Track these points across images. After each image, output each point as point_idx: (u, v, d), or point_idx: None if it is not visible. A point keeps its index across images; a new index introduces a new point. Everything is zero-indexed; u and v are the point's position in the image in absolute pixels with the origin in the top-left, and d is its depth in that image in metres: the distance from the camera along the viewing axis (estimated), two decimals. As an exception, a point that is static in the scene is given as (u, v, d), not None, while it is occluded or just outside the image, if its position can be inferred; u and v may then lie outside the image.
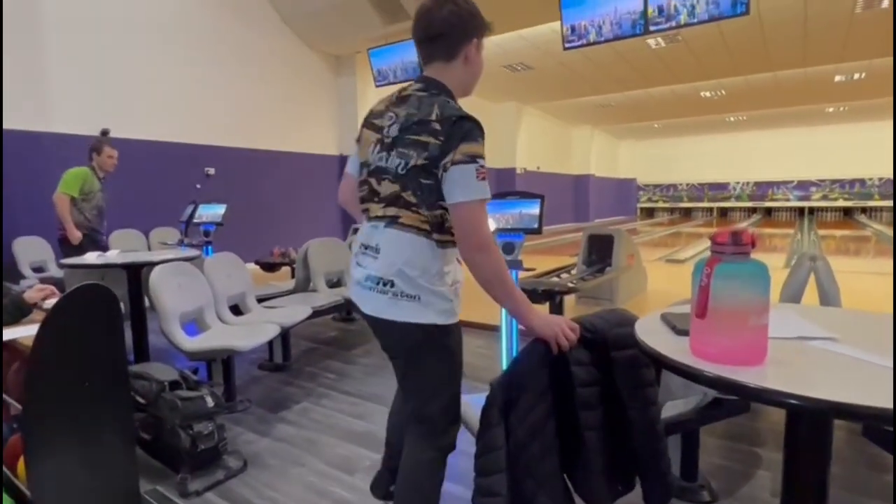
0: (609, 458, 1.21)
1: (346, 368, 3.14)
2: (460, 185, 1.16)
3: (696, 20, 4.86)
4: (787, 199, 18.46)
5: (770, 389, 0.79)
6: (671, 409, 1.55)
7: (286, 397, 2.73)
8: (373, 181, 1.31)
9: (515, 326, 2.72)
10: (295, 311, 2.97)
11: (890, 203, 16.75)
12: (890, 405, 0.75)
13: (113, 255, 3.01)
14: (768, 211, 18.73)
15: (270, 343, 3.08)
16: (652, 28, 5.14)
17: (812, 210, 17.86)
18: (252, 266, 4.53)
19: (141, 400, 1.97)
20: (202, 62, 6.51)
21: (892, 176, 16.68)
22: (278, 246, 4.90)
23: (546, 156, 14.82)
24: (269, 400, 2.69)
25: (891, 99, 12.54)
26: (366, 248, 1.32)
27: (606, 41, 5.45)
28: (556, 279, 4.06)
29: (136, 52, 5.87)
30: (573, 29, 5.53)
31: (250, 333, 2.52)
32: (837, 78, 10.33)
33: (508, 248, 2.58)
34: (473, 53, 1.30)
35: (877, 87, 11.03)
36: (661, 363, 0.95)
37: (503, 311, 2.67)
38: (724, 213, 19.54)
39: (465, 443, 1.37)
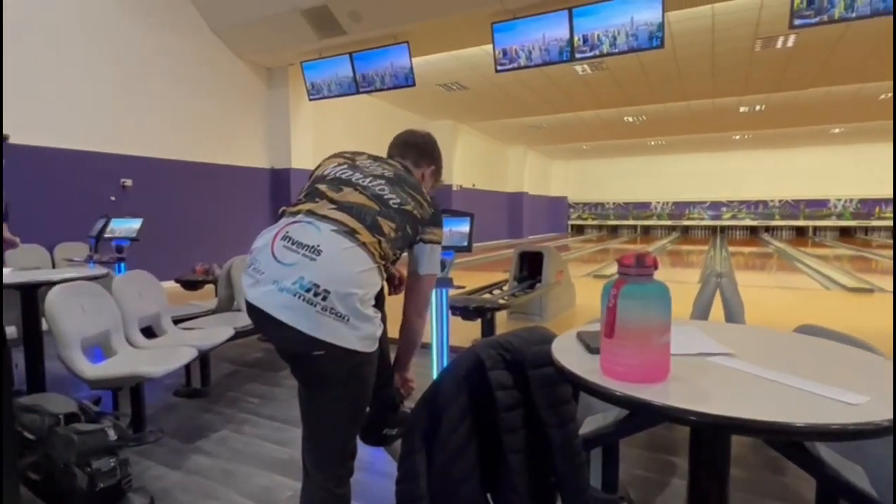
0: (531, 477, 1.22)
1: (272, 391, 3.00)
2: (431, 260, 1.42)
3: (616, 50, 5.18)
4: (702, 219, 19.91)
5: (672, 407, 0.82)
6: (591, 423, 1.59)
7: (203, 425, 2.56)
8: (324, 187, 1.30)
9: (446, 342, 2.72)
10: (215, 332, 2.81)
11: (789, 222, 18.50)
12: (781, 419, 0.80)
13: (6, 274, 2.73)
14: (685, 229, 20.09)
15: (188, 367, 2.89)
16: (578, 55, 5.41)
17: (723, 228, 19.35)
18: (172, 284, 4.26)
19: (30, 436, 1.77)
20: (122, 67, 6.13)
21: (792, 199, 18.44)
22: (201, 262, 4.65)
23: (482, 173, 15.14)
24: (184, 429, 2.51)
25: (786, 130, 13.93)
26: (299, 245, 1.16)
27: (536, 66, 5.68)
28: (487, 296, 4.12)
29: (47, 55, 5.43)
30: (505, 52, 5.73)
31: (163, 358, 2.34)
32: (742, 109, 11.33)
33: (432, 283, 2.59)
34: (428, 177, 1.57)
35: (776, 118, 12.21)
36: (575, 383, 0.98)
37: (434, 326, 2.67)
38: (646, 230, 20.74)
39: (388, 464, 1.34)
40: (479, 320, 3.61)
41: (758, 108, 11.21)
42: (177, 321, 3.03)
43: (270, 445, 2.34)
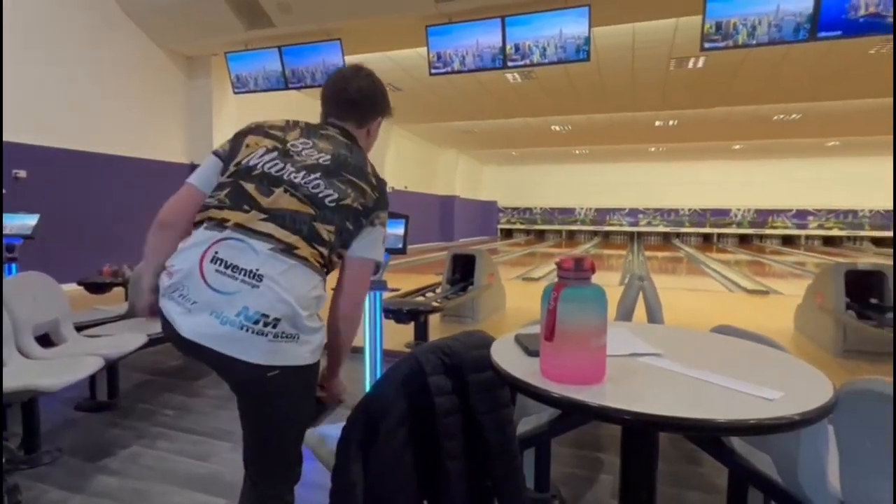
0: (469, 483, 1.21)
1: (190, 402, 2.80)
2: (376, 245, 1.24)
3: (546, 60, 5.36)
4: (622, 225, 21.12)
5: (609, 407, 0.84)
6: (526, 424, 1.62)
7: (110, 442, 2.33)
8: (250, 186, 1.13)
9: (380, 347, 2.67)
10: (125, 339, 2.58)
11: (697, 229, 20.04)
12: (706, 416, 0.85)
13: None
14: (606, 234, 21.21)
15: (93, 378, 2.63)
16: (510, 64, 5.54)
17: (640, 234, 20.62)
18: (75, 287, 3.88)
19: None
20: (19, 45, 5.50)
21: (699, 207, 19.98)
22: (109, 263, 4.26)
23: (414, 176, 15.13)
24: (88, 447, 2.28)
25: (695, 144, 15.11)
26: (236, 269, 1.05)
27: (470, 71, 5.76)
28: (421, 298, 4.10)
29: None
30: (439, 56, 5.75)
31: (62, 369, 2.11)
32: (657, 123, 12.14)
33: (374, 269, 2.53)
34: (374, 129, 1.38)
35: (686, 133, 13.18)
36: (515, 386, 0.98)
37: (367, 331, 2.61)
38: (571, 235, 21.67)
39: (321, 474, 1.28)
40: (413, 323, 3.59)
41: (671, 122, 12.05)
42: (80, 328, 2.75)
43: (188, 461, 2.18)
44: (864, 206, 17.94)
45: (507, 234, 22.54)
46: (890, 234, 17.77)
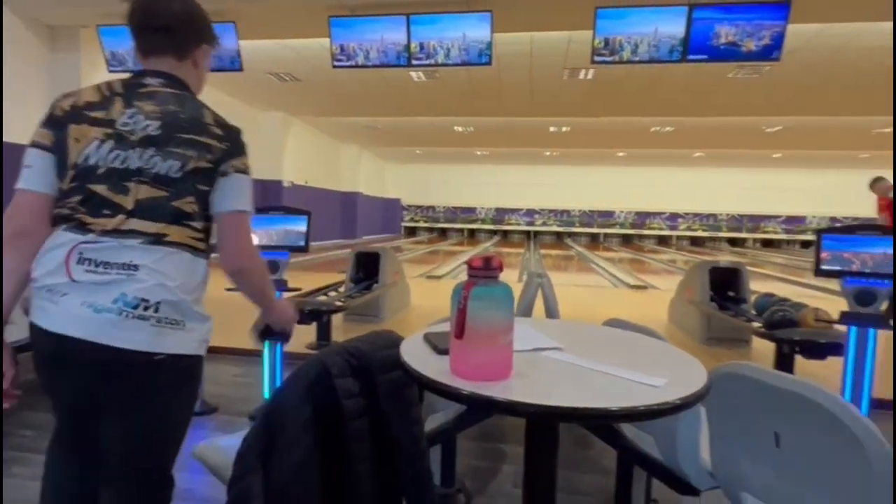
0: (377, 485, 1.19)
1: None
2: (239, 195, 1.12)
3: (450, 62, 5.44)
4: (519, 224, 22.14)
5: (516, 402, 0.87)
6: (433, 421, 1.63)
7: (-51, 472, 1.98)
8: (101, 188, 1.03)
9: (280, 350, 2.54)
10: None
11: (586, 229, 21.58)
12: (605, 405, 0.91)
13: None
14: (505, 233, 22.11)
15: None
16: (414, 62, 5.55)
17: (536, 233, 21.76)
18: None
19: None
20: None
21: (588, 209, 21.50)
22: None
23: (316, 170, 14.63)
24: (-83, 480, 1.92)
25: (585, 150, 16.25)
26: (107, 265, 1.00)
27: (374, 66, 5.67)
28: (324, 298, 3.98)
29: None
30: (342, 49, 5.60)
31: None
32: (552, 129, 12.87)
33: (272, 267, 2.41)
34: (201, 59, 1.22)
35: (577, 139, 14.11)
36: (425, 385, 0.98)
37: (265, 335, 2.47)
38: (472, 234, 22.28)
39: (212, 489, 1.19)
40: (315, 324, 3.47)
41: (564, 129, 12.84)
42: None
43: (52, 486, 1.91)
44: (723, 211, 20.47)
45: (411, 231, 22.64)
46: (743, 234, 20.45)
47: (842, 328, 2.26)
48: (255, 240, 1.25)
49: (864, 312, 2.10)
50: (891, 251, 2.11)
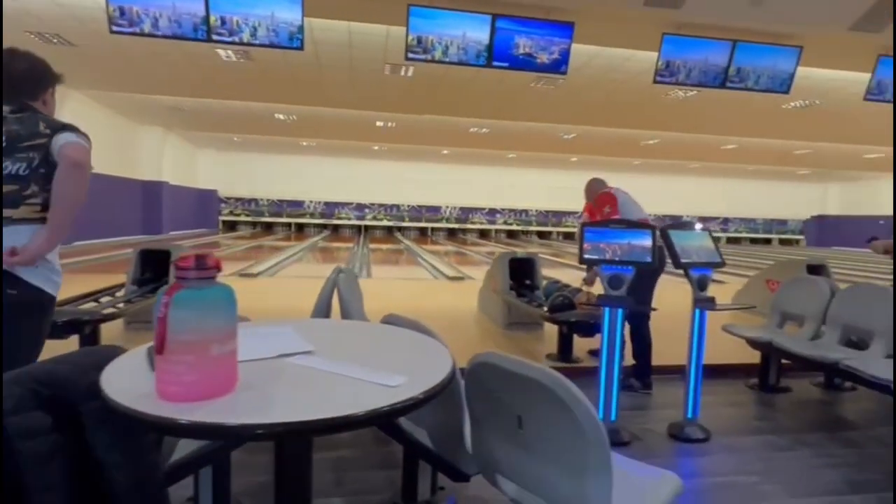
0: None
1: None
2: (69, 139, 1.56)
3: (257, 42, 5.02)
4: (349, 219, 21.83)
5: (224, 425, 0.75)
6: (186, 447, 1.41)
7: None
8: None
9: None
10: None
11: (414, 224, 22.22)
12: (346, 413, 0.84)
13: None
14: (335, 228, 21.62)
15: None
16: (215, 37, 4.99)
17: (367, 228, 21.71)
18: None
19: None
20: None
21: (417, 204, 22.14)
22: None
23: (106, 155, 12.44)
24: None
25: (412, 146, 16.67)
26: None
27: (165, 37, 4.96)
28: (92, 304, 3.34)
29: None
30: (122, 12, 4.78)
31: None
32: (378, 123, 12.89)
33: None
34: (49, 98, 1.73)
35: (404, 135, 14.39)
36: (119, 413, 0.80)
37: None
38: (300, 228, 21.32)
39: None
40: (77, 336, 2.89)
41: (390, 124, 12.96)
42: None
43: None
44: (533, 207, 22.85)
45: (231, 226, 20.78)
46: (549, 228, 23.09)
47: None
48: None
49: (615, 294, 2.45)
50: (634, 241, 2.50)
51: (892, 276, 3.64)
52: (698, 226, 3.03)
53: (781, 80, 5.49)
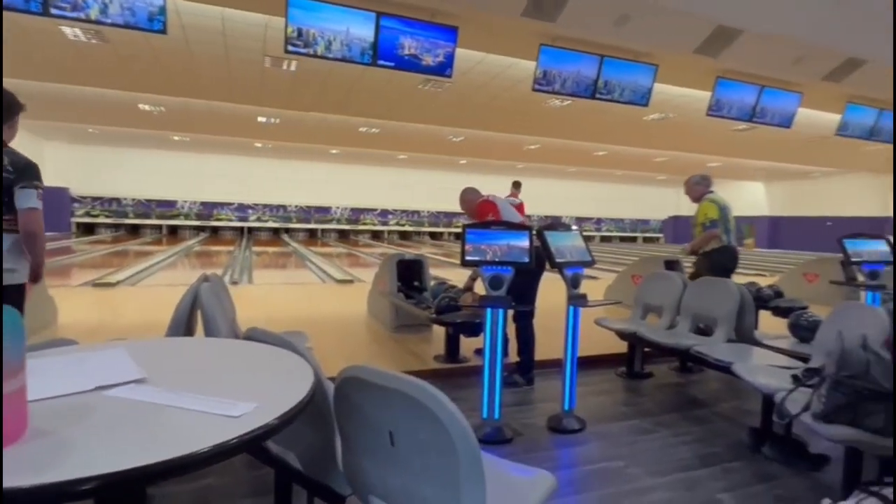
0: None
1: None
2: (28, 199, 2.07)
3: (109, 20, 4.45)
4: (231, 220, 20.34)
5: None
6: None
7: None
8: None
9: None
10: None
11: (303, 225, 21.34)
12: (163, 458, 0.70)
13: None
14: (215, 230, 20.03)
15: None
16: (55, 11, 4.33)
17: (251, 230, 20.40)
18: None
19: None
20: None
21: (305, 205, 21.28)
22: None
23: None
24: None
25: (299, 144, 15.96)
26: None
27: (-15, 7, 4.20)
28: None
29: None
30: (-76, -29, 3.96)
31: None
32: (260, 119, 12.14)
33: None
34: (14, 124, 2.19)
35: (288, 132, 13.72)
36: None
37: None
38: (173, 230, 19.45)
39: None
40: None
41: (273, 120, 12.27)
42: None
43: None
44: (425, 208, 23.06)
45: (88, 229, 18.35)
46: (440, 228, 23.46)
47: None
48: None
49: (495, 295, 2.50)
50: (513, 242, 2.57)
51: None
52: (574, 226, 3.20)
53: (641, 94, 6.07)
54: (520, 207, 7.75)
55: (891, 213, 17.18)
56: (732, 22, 5.10)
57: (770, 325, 3.96)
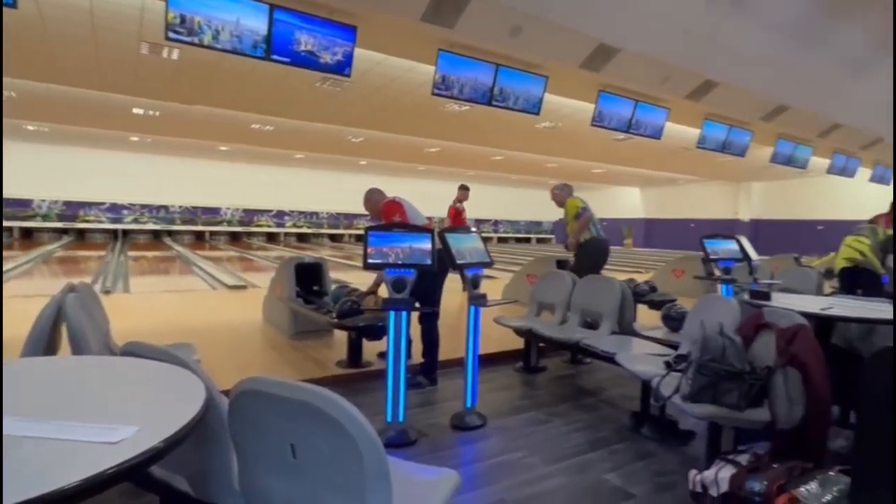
0: None
1: None
2: None
3: (-60, -12, 3.77)
4: (101, 221, 18.21)
5: None
6: None
7: None
8: None
9: None
10: None
11: (189, 227, 19.71)
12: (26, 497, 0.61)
13: None
14: (81, 232, 17.81)
15: None
16: None
17: (126, 232, 18.43)
18: None
19: None
20: None
21: (191, 205, 19.67)
22: None
23: None
24: None
25: (184, 140, 14.72)
26: None
27: None
28: None
29: None
30: None
31: None
32: (136, 110, 11.02)
33: None
34: None
35: (170, 126, 12.60)
36: None
37: None
38: (28, 233, 16.99)
39: None
40: None
41: (152, 112, 11.21)
42: None
43: None
44: (324, 209, 22.42)
45: (-89, 232, 15.41)
46: (341, 231, 22.95)
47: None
48: None
49: (398, 297, 2.50)
50: (415, 244, 2.59)
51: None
52: (473, 228, 3.30)
53: (533, 103, 6.41)
54: (460, 214, 7.76)
55: (736, 216, 19.88)
56: (612, 41, 5.58)
57: (647, 317, 4.38)
